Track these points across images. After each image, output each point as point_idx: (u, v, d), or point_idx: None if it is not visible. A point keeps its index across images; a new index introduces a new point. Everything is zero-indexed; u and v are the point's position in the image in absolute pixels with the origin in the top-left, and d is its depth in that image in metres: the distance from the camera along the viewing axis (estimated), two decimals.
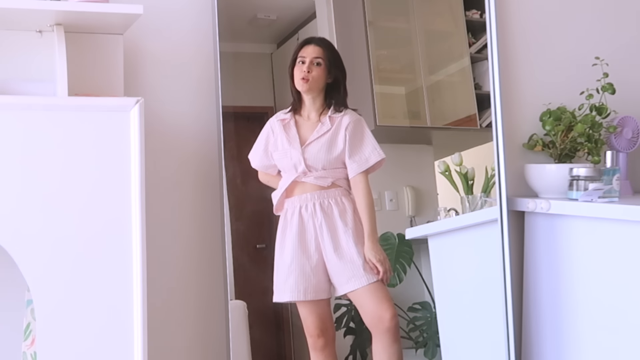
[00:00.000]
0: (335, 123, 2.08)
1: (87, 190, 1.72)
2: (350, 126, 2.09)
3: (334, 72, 2.10)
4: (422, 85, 2.41)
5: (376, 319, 2.04)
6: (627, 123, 2.42)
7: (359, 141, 2.10)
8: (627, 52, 2.55)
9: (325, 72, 2.09)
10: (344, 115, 2.10)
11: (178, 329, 2.19)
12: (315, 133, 2.08)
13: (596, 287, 2.11)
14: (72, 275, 1.71)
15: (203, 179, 2.20)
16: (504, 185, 2.29)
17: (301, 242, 2.07)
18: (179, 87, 2.18)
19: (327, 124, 2.08)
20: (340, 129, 2.08)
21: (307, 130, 2.10)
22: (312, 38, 2.13)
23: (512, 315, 2.28)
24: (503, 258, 2.28)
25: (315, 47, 2.09)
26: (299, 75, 2.08)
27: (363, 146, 2.10)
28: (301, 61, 2.09)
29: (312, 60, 2.08)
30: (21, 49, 1.95)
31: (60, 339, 1.70)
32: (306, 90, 2.09)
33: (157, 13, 2.13)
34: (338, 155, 2.08)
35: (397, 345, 2.05)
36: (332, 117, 2.09)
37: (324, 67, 2.08)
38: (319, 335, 2.07)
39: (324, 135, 2.08)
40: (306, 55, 2.09)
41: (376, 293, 2.05)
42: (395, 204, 2.31)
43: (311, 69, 2.07)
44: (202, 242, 2.21)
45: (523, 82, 2.45)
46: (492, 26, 2.34)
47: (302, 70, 2.07)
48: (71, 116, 1.73)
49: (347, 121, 2.09)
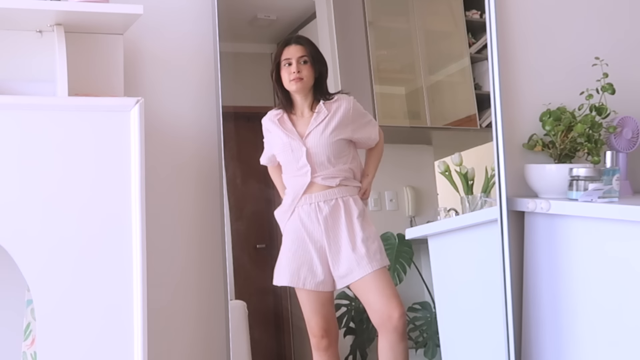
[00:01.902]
0: (332, 109, 2.09)
1: (87, 190, 1.72)
2: (352, 109, 2.11)
3: (318, 67, 2.11)
4: (422, 86, 2.41)
5: (385, 317, 2.02)
6: (627, 123, 2.42)
7: (363, 118, 2.15)
8: (627, 52, 2.56)
9: (312, 68, 2.10)
10: (339, 100, 2.11)
11: (178, 329, 2.19)
12: (313, 122, 2.08)
13: (596, 287, 2.11)
14: (72, 275, 1.71)
15: (203, 179, 2.20)
16: (503, 185, 2.29)
17: (307, 235, 2.06)
18: (179, 87, 2.18)
19: (324, 111, 2.09)
20: (338, 113, 2.09)
21: (304, 125, 2.10)
22: (290, 38, 2.13)
23: (512, 315, 2.28)
24: (503, 258, 2.28)
25: (298, 47, 2.10)
26: (289, 77, 2.08)
27: (367, 124, 2.15)
28: (287, 63, 2.09)
29: (298, 60, 2.09)
30: (21, 49, 1.95)
31: (60, 339, 1.70)
32: (299, 90, 2.09)
33: (157, 13, 2.14)
34: (338, 139, 2.08)
35: (404, 344, 2.04)
36: (326, 104, 2.10)
37: (310, 64, 2.09)
38: (322, 336, 2.06)
39: (322, 122, 2.08)
40: (291, 56, 2.09)
41: (383, 288, 2.03)
42: (395, 204, 2.31)
43: (300, 68, 2.08)
44: (202, 242, 2.21)
45: (523, 82, 2.45)
46: (492, 26, 2.34)
47: (292, 72, 2.08)
48: (71, 116, 1.73)
49: (346, 105, 2.10)
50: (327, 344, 2.07)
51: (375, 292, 2.03)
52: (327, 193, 2.07)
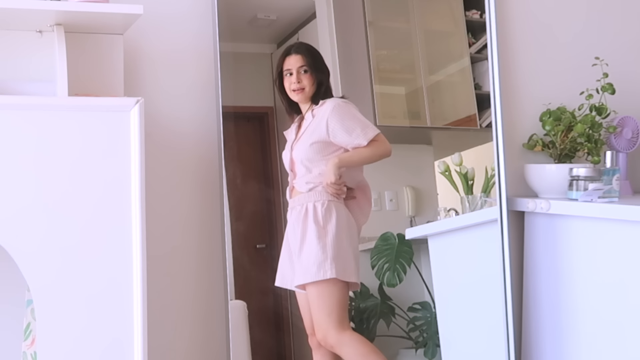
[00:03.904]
0: (317, 114, 2.11)
1: (87, 190, 1.72)
2: (332, 112, 2.07)
3: (318, 76, 2.12)
4: (422, 85, 2.41)
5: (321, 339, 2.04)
6: (627, 123, 2.42)
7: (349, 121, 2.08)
8: (627, 52, 2.55)
9: (313, 77, 2.11)
10: (323, 104, 2.11)
11: (178, 329, 2.19)
12: (301, 130, 2.12)
13: (596, 287, 2.11)
14: (72, 275, 1.71)
15: (203, 178, 2.20)
16: (503, 185, 2.29)
17: (287, 237, 2.11)
18: (179, 87, 2.18)
19: (309, 118, 2.12)
20: (318, 118, 2.10)
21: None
22: (291, 47, 2.15)
23: (512, 315, 2.28)
24: (503, 258, 2.28)
25: (297, 56, 2.12)
26: (291, 88, 2.11)
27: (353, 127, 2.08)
28: (288, 73, 2.12)
29: (299, 69, 2.11)
30: (21, 49, 1.95)
31: (60, 339, 1.70)
32: (301, 100, 2.13)
33: (157, 13, 2.14)
34: (313, 142, 2.08)
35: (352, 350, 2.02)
36: (314, 110, 2.12)
37: (310, 73, 2.11)
38: (311, 334, 2.09)
39: (307, 129, 2.10)
40: (291, 66, 2.11)
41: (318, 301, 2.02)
42: (395, 204, 2.31)
43: (300, 78, 2.11)
44: (202, 242, 2.21)
45: (523, 82, 2.45)
46: (492, 26, 2.34)
47: (293, 82, 2.11)
48: (71, 116, 1.73)
49: (327, 109, 2.08)
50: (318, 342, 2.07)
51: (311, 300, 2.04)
52: (300, 198, 2.09)
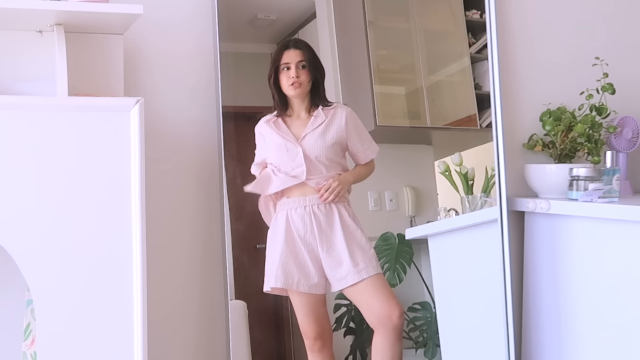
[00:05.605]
0: (330, 114, 2.11)
1: (87, 190, 1.72)
2: (349, 117, 2.12)
3: (314, 73, 2.12)
4: (422, 85, 2.41)
5: (384, 316, 2.03)
6: (627, 123, 2.42)
7: (362, 131, 2.16)
8: (627, 52, 2.55)
9: (310, 74, 2.11)
10: (337, 107, 2.13)
11: (178, 329, 2.19)
12: (310, 126, 2.10)
13: (596, 287, 2.11)
14: (72, 275, 1.71)
15: (203, 178, 2.20)
16: (504, 185, 2.29)
17: (299, 238, 2.07)
18: (179, 87, 2.18)
19: (321, 116, 2.11)
20: (335, 119, 2.11)
21: (300, 127, 2.11)
22: (289, 41, 2.14)
23: (512, 315, 2.28)
24: (503, 258, 2.28)
25: (296, 51, 2.11)
26: (288, 82, 2.10)
27: (365, 138, 2.16)
28: (286, 67, 2.10)
29: (297, 64, 2.10)
30: (21, 49, 1.95)
31: (60, 339, 1.70)
32: (298, 95, 2.11)
33: (157, 13, 2.13)
34: (334, 143, 2.09)
35: (401, 344, 2.06)
36: (325, 109, 2.12)
37: (307, 69, 2.11)
38: (316, 338, 2.07)
39: (319, 126, 2.10)
40: (290, 60, 2.10)
41: (382, 289, 2.05)
42: (395, 204, 2.31)
43: (298, 73, 2.10)
44: (202, 242, 2.21)
45: (523, 82, 2.45)
46: (492, 26, 2.34)
47: (291, 76, 2.09)
48: (71, 116, 1.73)
49: (343, 112, 2.12)
50: (321, 346, 2.07)
51: (374, 293, 2.05)
52: (312, 198, 2.08)
